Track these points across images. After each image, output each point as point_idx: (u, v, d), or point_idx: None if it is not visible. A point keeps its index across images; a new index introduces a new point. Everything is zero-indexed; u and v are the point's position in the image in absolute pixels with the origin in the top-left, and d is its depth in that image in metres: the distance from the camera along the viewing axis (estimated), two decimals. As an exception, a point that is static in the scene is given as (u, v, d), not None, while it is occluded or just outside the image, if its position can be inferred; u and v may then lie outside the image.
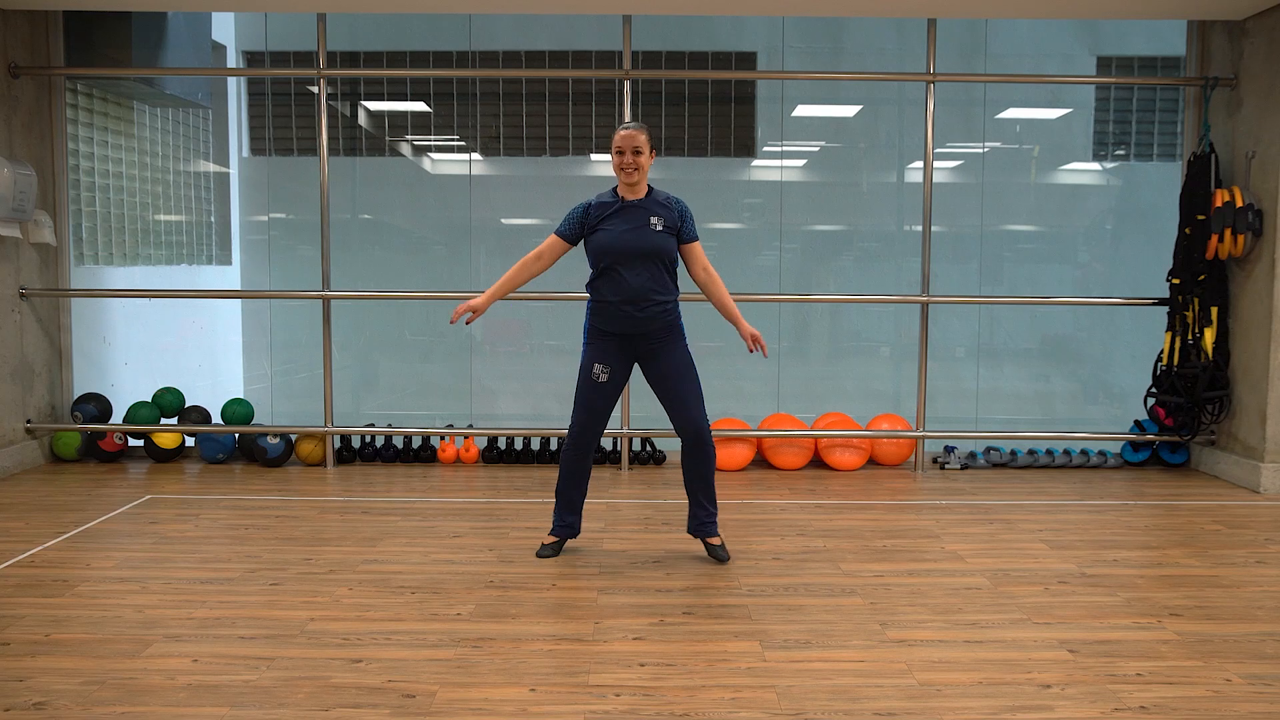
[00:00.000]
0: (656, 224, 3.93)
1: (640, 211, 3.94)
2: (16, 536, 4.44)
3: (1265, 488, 5.45)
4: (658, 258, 3.93)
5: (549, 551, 4.17)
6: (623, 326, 3.96)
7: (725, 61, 6.73)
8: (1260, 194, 5.50)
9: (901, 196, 6.91)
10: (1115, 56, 6.79)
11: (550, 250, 4.06)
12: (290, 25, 6.67)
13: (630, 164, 3.89)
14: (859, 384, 6.94)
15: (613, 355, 4.01)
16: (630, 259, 3.91)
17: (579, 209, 4.04)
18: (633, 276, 3.90)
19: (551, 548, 4.18)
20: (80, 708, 2.75)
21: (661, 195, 4.01)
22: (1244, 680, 2.99)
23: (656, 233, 3.93)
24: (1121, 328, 6.85)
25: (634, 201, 3.96)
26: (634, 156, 3.88)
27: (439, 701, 2.81)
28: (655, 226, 3.93)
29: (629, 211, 3.95)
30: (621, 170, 3.90)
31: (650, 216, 3.94)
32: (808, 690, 2.89)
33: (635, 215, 3.94)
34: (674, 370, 3.99)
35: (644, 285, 3.91)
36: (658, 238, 3.93)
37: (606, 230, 3.94)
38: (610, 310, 3.96)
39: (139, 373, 6.65)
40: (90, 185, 6.36)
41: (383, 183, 6.89)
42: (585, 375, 4.04)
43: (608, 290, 3.95)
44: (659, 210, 3.96)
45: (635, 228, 3.92)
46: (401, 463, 6.24)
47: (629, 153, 3.88)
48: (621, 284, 3.92)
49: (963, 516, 4.97)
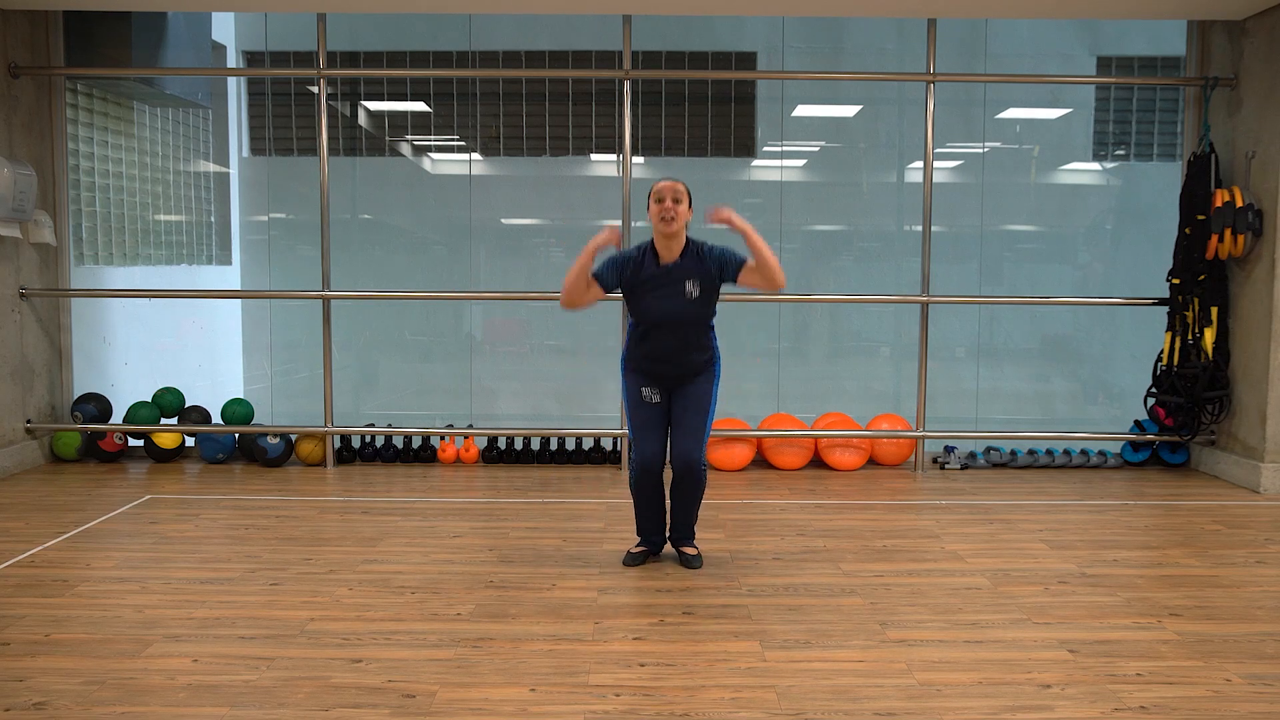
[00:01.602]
0: (693, 290, 3.83)
1: (675, 278, 3.83)
2: (16, 536, 4.44)
3: (1265, 488, 5.45)
4: (693, 323, 3.88)
5: (634, 561, 4.10)
6: (656, 371, 3.96)
7: (725, 61, 6.73)
8: (1260, 194, 5.50)
9: (901, 196, 6.91)
10: (1115, 56, 6.79)
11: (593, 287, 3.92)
12: (290, 25, 6.67)
13: (670, 212, 3.76)
14: (859, 384, 6.94)
15: (652, 382, 3.99)
16: (666, 327, 3.87)
17: (619, 258, 3.92)
18: (667, 340, 3.88)
19: (639, 556, 4.13)
20: (80, 708, 2.75)
21: (694, 249, 3.86)
22: (1244, 680, 2.99)
23: (692, 300, 3.84)
24: (1121, 328, 6.85)
25: (670, 266, 3.84)
26: (674, 205, 3.77)
27: (439, 701, 2.81)
28: (691, 295, 3.83)
29: (665, 278, 3.84)
30: (661, 220, 3.77)
31: (686, 282, 3.83)
32: (808, 690, 2.89)
33: (671, 281, 3.83)
34: (688, 401, 3.95)
35: (678, 347, 3.90)
36: (691, 306, 3.85)
37: (640, 295, 3.88)
38: (644, 361, 3.95)
39: (139, 373, 6.65)
40: (90, 185, 6.36)
41: (383, 183, 6.89)
42: (635, 400, 3.99)
43: (643, 345, 3.93)
44: (694, 272, 3.84)
45: (671, 296, 3.83)
46: (401, 463, 6.24)
47: (669, 200, 3.78)
48: (656, 344, 3.90)
49: (963, 516, 4.97)
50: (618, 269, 3.91)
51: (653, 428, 3.97)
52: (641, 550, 4.14)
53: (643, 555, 4.13)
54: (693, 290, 3.84)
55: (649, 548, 4.15)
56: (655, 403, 3.97)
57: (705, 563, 4.12)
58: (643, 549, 4.14)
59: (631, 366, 4.01)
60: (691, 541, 4.15)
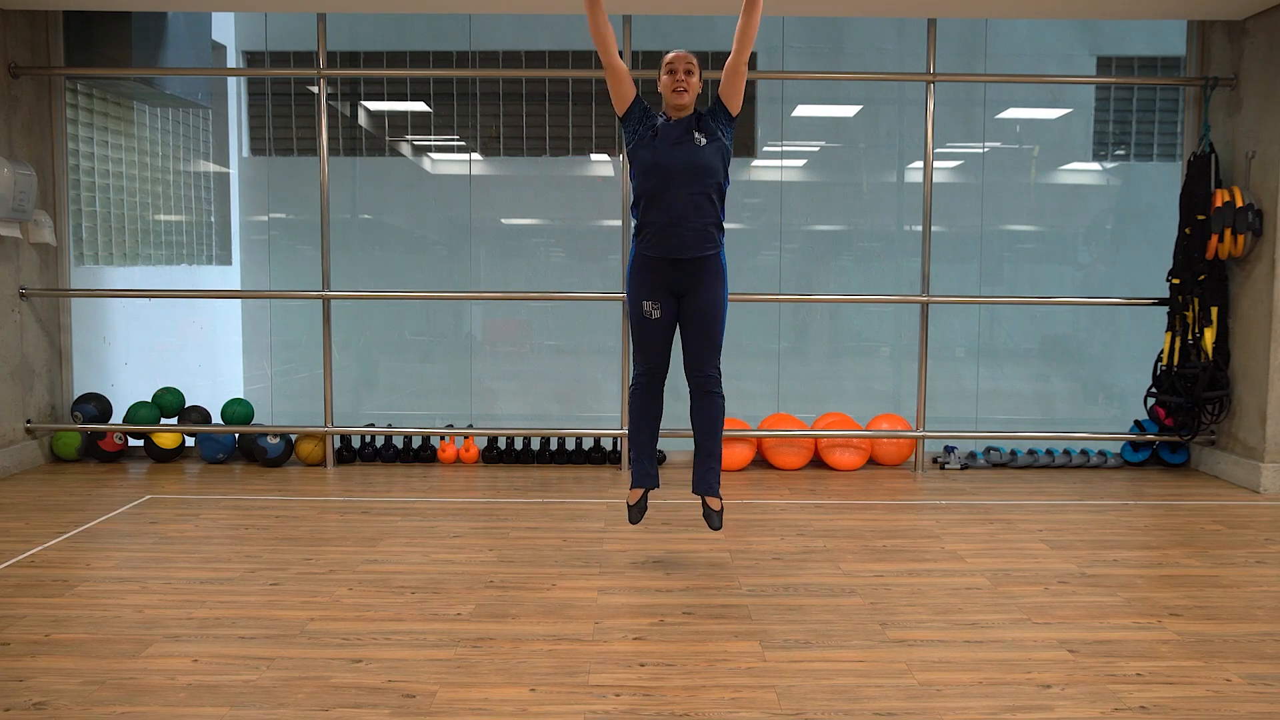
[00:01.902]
0: (701, 139, 3.77)
1: (682, 129, 3.78)
2: (16, 536, 4.44)
3: (1265, 488, 5.45)
4: (704, 176, 3.76)
5: (637, 514, 4.04)
6: (665, 250, 3.80)
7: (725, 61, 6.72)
8: (1260, 194, 5.50)
9: (901, 196, 6.91)
10: (1115, 56, 6.79)
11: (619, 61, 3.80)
12: (290, 25, 6.67)
13: (683, 84, 3.74)
14: (859, 384, 6.94)
15: (657, 289, 3.86)
16: (675, 176, 3.75)
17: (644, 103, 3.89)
18: (677, 196, 3.75)
19: (639, 506, 4.05)
20: (80, 708, 2.75)
21: (701, 109, 3.86)
22: (1244, 680, 2.99)
23: (701, 147, 3.76)
24: (1121, 328, 6.85)
25: (676, 120, 3.80)
26: (685, 76, 3.75)
27: (439, 701, 2.81)
28: (699, 142, 3.76)
29: (672, 130, 3.78)
30: (674, 91, 3.75)
31: (695, 132, 3.78)
32: (808, 690, 2.89)
33: (679, 133, 3.78)
34: (701, 312, 3.85)
35: (688, 205, 3.75)
36: (700, 152, 3.76)
37: (648, 148, 3.78)
38: (654, 234, 3.80)
39: (139, 373, 6.65)
40: (90, 185, 6.36)
41: (383, 183, 6.89)
42: (636, 313, 3.89)
43: (652, 212, 3.79)
44: (699, 125, 3.79)
45: (680, 145, 3.76)
46: (401, 463, 6.24)
47: (681, 71, 3.74)
48: (666, 206, 3.76)
49: (963, 516, 4.97)
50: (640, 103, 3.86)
51: (656, 343, 3.90)
52: (640, 496, 4.03)
53: (643, 500, 4.03)
54: (700, 139, 3.77)
55: (645, 485, 4.03)
56: (656, 317, 3.87)
57: (705, 563, 4.11)
58: (640, 490, 4.03)
59: (638, 269, 3.88)
60: (716, 491, 3.99)
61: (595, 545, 4.37)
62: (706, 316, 3.86)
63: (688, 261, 3.81)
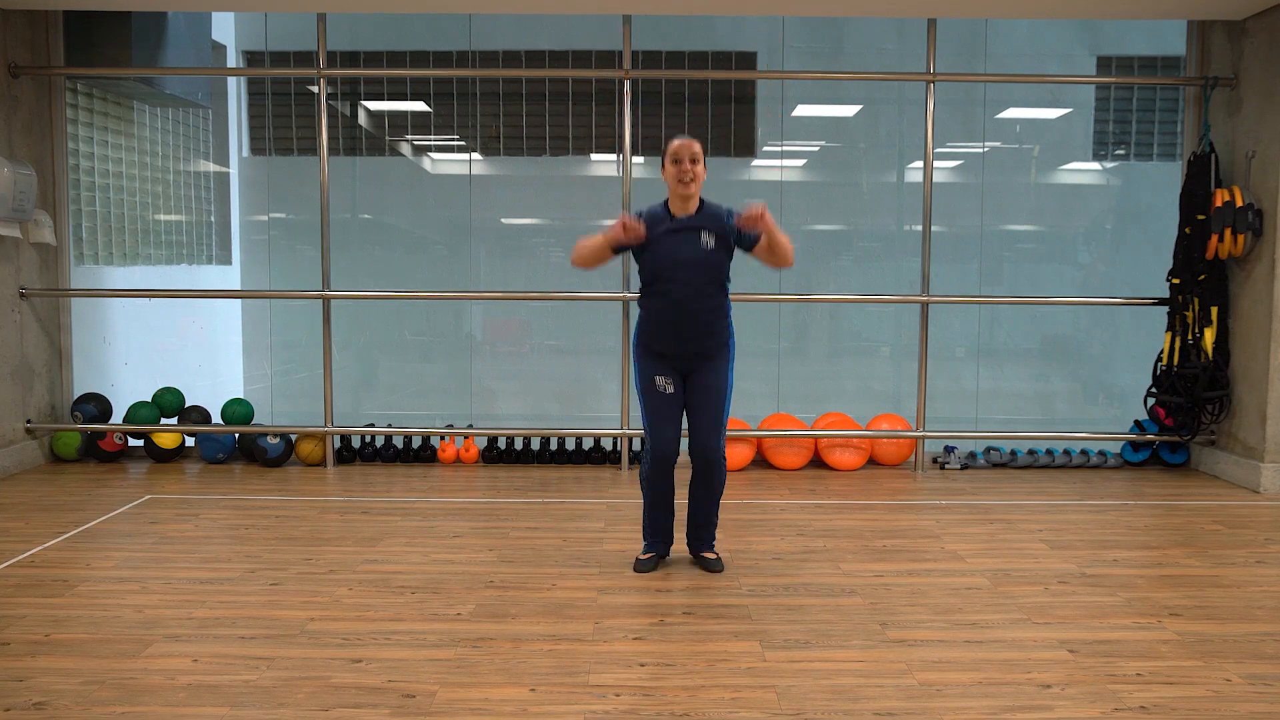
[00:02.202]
0: (709, 241, 3.79)
1: (692, 229, 3.80)
2: (16, 536, 4.44)
3: (1265, 488, 5.45)
4: (708, 276, 3.80)
5: (643, 567, 4.01)
6: (670, 346, 3.85)
7: (725, 61, 6.73)
8: (1260, 194, 5.50)
9: (901, 196, 6.91)
10: (1115, 56, 6.79)
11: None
12: (290, 25, 6.67)
13: (689, 174, 3.75)
14: (859, 384, 6.94)
15: (665, 369, 3.89)
16: (680, 277, 3.78)
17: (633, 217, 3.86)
18: (681, 294, 3.78)
19: (646, 563, 4.03)
20: (80, 708, 2.75)
21: (713, 208, 3.87)
22: (1244, 680, 2.99)
23: (709, 251, 3.79)
24: (1121, 328, 6.85)
25: (685, 218, 3.82)
26: (692, 165, 3.76)
27: (439, 701, 2.81)
28: (707, 245, 3.79)
29: (681, 229, 3.81)
30: (679, 181, 3.76)
31: (702, 231, 3.80)
32: (808, 690, 2.89)
33: (687, 233, 3.80)
34: (706, 391, 3.87)
35: (693, 304, 3.79)
36: (709, 256, 3.79)
37: (658, 247, 3.81)
38: (658, 329, 3.85)
39: (139, 373, 6.65)
40: (90, 185, 6.36)
41: (383, 183, 6.89)
42: (649, 388, 3.89)
43: (657, 309, 3.84)
44: (710, 225, 3.81)
45: (687, 245, 3.79)
46: (401, 463, 6.24)
47: (687, 161, 3.76)
48: (671, 302, 3.80)
49: (963, 516, 4.97)
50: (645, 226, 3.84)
51: (669, 418, 3.88)
52: (650, 557, 4.04)
53: (653, 561, 4.03)
54: (708, 240, 3.79)
55: (657, 552, 4.06)
56: (670, 392, 3.88)
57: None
58: (651, 555, 4.04)
59: (644, 348, 3.91)
60: (711, 546, 4.07)
61: (595, 545, 4.37)
62: (711, 397, 3.88)
63: (691, 354, 3.87)
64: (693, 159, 3.77)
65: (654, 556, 4.05)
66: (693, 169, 3.77)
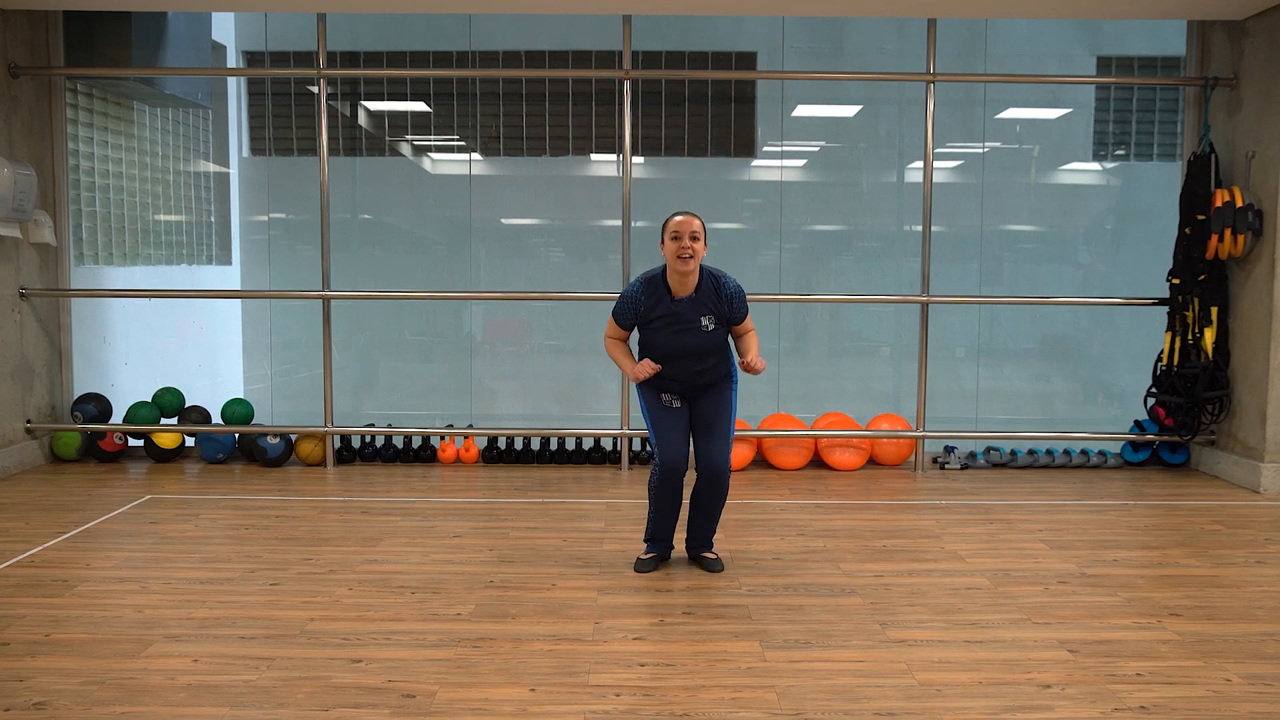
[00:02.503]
0: (709, 324, 3.82)
1: (691, 313, 3.81)
2: (16, 536, 4.44)
3: (1265, 488, 5.45)
4: (711, 355, 3.87)
5: (643, 566, 4.03)
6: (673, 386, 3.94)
7: (725, 61, 6.73)
8: (1260, 194, 5.50)
9: (901, 196, 6.91)
10: (1115, 56, 6.79)
11: (616, 333, 3.99)
12: (290, 25, 6.67)
13: (688, 250, 3.72)
14: (859, 384, 6.94)
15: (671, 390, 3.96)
16: (682, 358, 3.85)
17: (631, 296, 3.87)
18: (686, 371, 3.86)
19: (646, 563, 4.05)
20: (80, 708, 2.75)
21: (710, 282, 3.84)
22: (1244, 680, 2.99)
23: (709, 333, 3.83)
24: (1121, 328, 6.85)
25: (685, 301, 3.82)
26: (691, 242, 3.72)
27: (439, 701, 2.81)
28: (707, 328, 3.82)
29: (681, 311, 3.82)
30: (678, 258, 3.73)
31: (702, 317, 3.82)
32: (808, 690, 2.89)
33: (687, 316, 3.82)
34: (713, 406, 3.93)
35: (692, 370, 3.87)
36: (708, 339, 3.83)
37: (658, 330, 3.84)
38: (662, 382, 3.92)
39: (139, 373, 6.65)
40: (90, 185, 6.36)
41: (383, 183, 6.89)
42: (655, 405, 3.93)
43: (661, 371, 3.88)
44: (710, 306, 3.82)
45: (689, 331, 3.81)
46: (401, 463, 6.24)
47: (686, 238, 3.72)
48: (674, 374, 3.87)
49: (963, 516, 4.97)
50: (633, 306, 3.88)
51: (677, 430, 3.92)
52: (651, 557, 4.06)
53: (653, 561, 4.05)
54: (709, 324, 3.83)
55: (658, 553, 4.08)
56: (677, 407, 3.93)
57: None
58: (652, 555, 4.06)
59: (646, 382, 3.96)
60: (711, 546, 4.10)
61: (595, 545, 4.37)
62: (718, 416, 3.94)
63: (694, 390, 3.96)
64: (693, 236, 3.74)
65: (655, 557, 4.07)
66: (693, 246, 3.74)
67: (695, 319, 3.82)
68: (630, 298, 3.87)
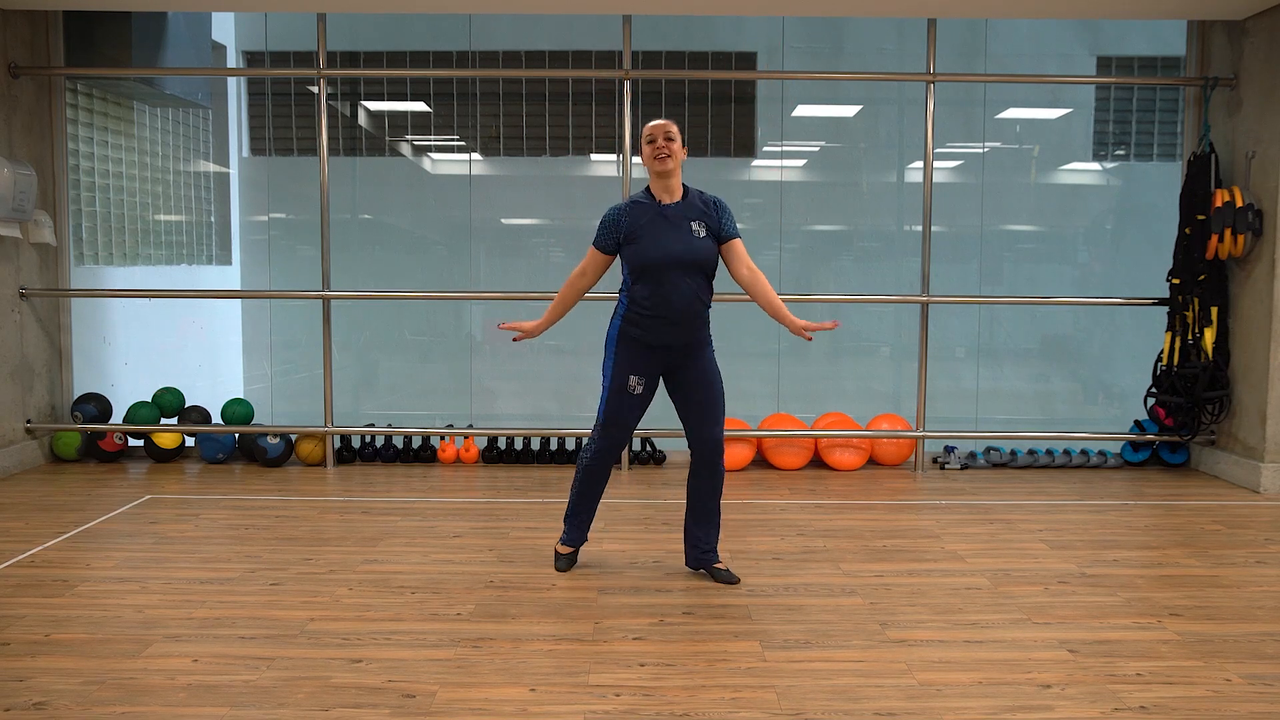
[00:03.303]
0: (699, 230, 3.65)
1: (681, 218, 3.65)
2: (16, 536, 4.44)
3: (1265, 488, 5.45)
4: (702, 268, 3.66)
5: (566, 564, 4.01)
6: (662, 339, 3.69)
7: (725, 61, 6.73)
8: (1260, 194, 5.50)
9: (901, 196, 6.91)
10: (1115, 56, 6.79)
11: (592, 265, 3.79)
12: (290, 25, 6.67)
13: (663, 149, 3.61)
14: (859, 384, 6.94)
15: (646, 365, 3.73)
16: (674, 270, 3.62)
17: (612, 215, 3.72)
18: (677, 289, 3.63)
19: (570, 558, 4.03)
20: (80, 708, 2.75)
21: (698, 195, 3.73)
22: (1244, 680, 2.99)
23: (700, 240, 3.64)
24: (1121, 328, 6.85)
25: (673, 206, 3.67)
26: (666, 142, 3.62)
27: (439, 701, 2.81)
28: (699, 233, 3.64)
29: (669, 217, 3.65)
30: (656, 159, 3.62)
31: (691, 222, 3.65)
32: (808, 690, 2.89)
33: (676, 221, 3.65)
34: (700, 380, 3.74)
35: (688, 298, 3.64)
36: (702, 246, 3.65)
37: (647, 238, 3.64)
38: (650, 323, 3.67)
39: (139, 373, 6.65)
40: (90, 185, 6.36)
41: (383, 183, 6.89)
42: (618, 387, 3.73)
43: (649, 303, 3.65)
44: (699, 214, 3.67)
45: (679, 235, 3.63)
46: (401, 463, 6.24)
47: (661, 138, 3.62)
48: (665, 296, 3.63)
49: (963, 516, 4.97)
50: (614, 224, 3.71)
51: (629, 419, 3.79)
52: (572, 552, 4.03)
53: (575, 556, 4.04)
54: (699, 230, 3.65)
55: (577, 545, 4.03)
56: (638, 394, 3.74)
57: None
58: (572, 550, 4.03)
59: (629, 340, 3.72)
60: (717, 555, 3.93)
61: (595, 545, 4.37)
62: (711, 390, 3.76)
63: (680, 346, 3.73)
64: (667, 136, 3.63)
65: (575, 552, 4.04)
66: (669, 145, 3.63)
67: (685, 224, 3.65)
68: (612, 216, 3.73)
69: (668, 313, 3.65)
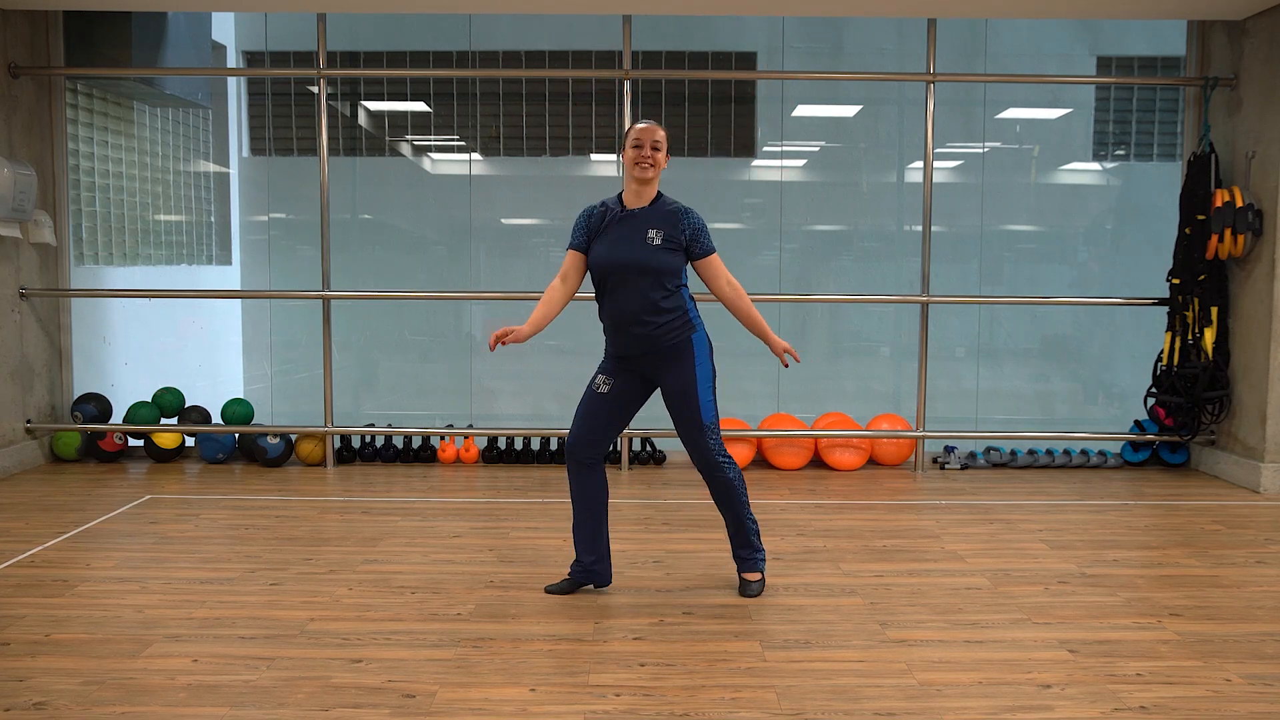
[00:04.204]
0: (654, 237, 3.49)
1: (638, 223, 3.52)
2: (16, 536, 4.44)
3: (1265, 488, 5.45)
4: (651, 275, 3.49)
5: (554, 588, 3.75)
6: (622, 348, 3.60)
7: (725, 61, 6.73)
8: (1260, 194, 5.50)
9: (901, 196, 6.91)
10: (1115, 56, 6.79)
11: (571, 267, 3.63)
12: (290, 25, 6.67)
13: (648, 159, 3.48)
14: (859, 384, 6.94)
15: (617, 368, 3.64)
16: (622, 276, 3.50)
17: (583, 215, 3.64)
18: (624, 296, 3.51)
19: (561, 586, 3.74)
20: (80, 708, 2.75)
21: (669, 205, 3.57)
22: (1244, 680, 2.99)
23: (653, 248, 3.48)
24: (1121, 328, 6.85)
25: (636, 211, 3.54)
26: (652, 151, 3.48)
27: (439, 701, 2.81)
28: (653, 240, 3.49)
29: (628, 222, 3.53)
30: (637, 165, 3.48)
31: (649, 229, 3.50)
32: (808, 690, 2.89)
33: (633, 226, 3.52)
34: (674, 395, 3.58)
35: (635, 305, 3.50)
36: (651, 254, 3.48)
37: (601, 242, 3.55)
38: (610, 333, 3.63)
39: (139, 373, 6.65)
40: (90, 185, 6.36)
41: (383, 183, 6.89)
42: (589, 383, 3.68)
43: (605, 311, 3.60)
44: (660, 222, 3.52)
45: (629, 242, 3.50)
46: (401, 463, 6.24)
47: (647, 146, 3.48)
48: (614, 304, 3.54)
49: (963, 516, 4.97)
50: (585, 223, 3.62)
51: (590, 414, 3.63)
52: (564, 580, 3.74)
53: (564, 584, 3.72)
54: (654, 237, 3.49)
55: (573, 574, 3.72)
56: (603, 391, 3.62)
57: (704, 563, 4.10)
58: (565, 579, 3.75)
59: (606, 354, 3.69)
60: (754, 567, 3.73)
61: (595, 545, 4.36)
62: (685, 401, 3.57)
63: (645, 355, 3.59)
64: (654, 145, 3.49)
65: (569, 580, 3.74)
66: (654, 155, 3.50)
67: (641, 230, 3.50)
68: (583, 215, 3.64)
69: (618, 320, 3.56)
